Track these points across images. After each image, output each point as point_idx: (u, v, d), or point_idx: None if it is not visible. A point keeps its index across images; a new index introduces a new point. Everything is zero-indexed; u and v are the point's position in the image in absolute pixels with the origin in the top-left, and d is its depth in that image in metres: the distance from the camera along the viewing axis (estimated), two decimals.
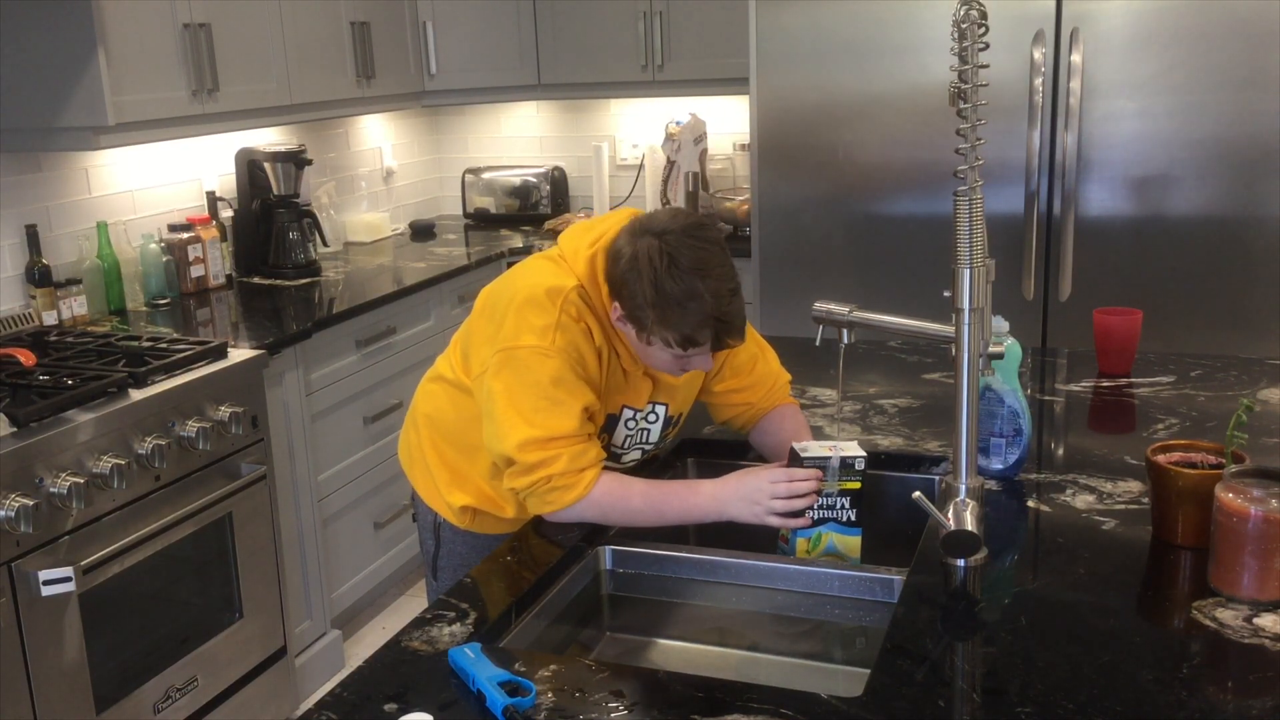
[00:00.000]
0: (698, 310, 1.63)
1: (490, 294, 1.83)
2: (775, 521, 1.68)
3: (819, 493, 1.69)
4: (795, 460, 1.72)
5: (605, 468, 1.74)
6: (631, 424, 1.85)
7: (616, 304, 1.71)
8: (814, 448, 1.74)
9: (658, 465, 1.98)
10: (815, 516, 1.71)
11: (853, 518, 1.72)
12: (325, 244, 3.99)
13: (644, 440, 1.89)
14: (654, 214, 1.74)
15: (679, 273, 1.63)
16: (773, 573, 1.65)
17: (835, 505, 1.72)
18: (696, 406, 1.98)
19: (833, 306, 1.77)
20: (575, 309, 1.72)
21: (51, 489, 2.30)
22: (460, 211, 4.86)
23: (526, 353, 1.69)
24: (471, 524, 1.93)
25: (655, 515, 1.72)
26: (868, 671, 1.31)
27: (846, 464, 1.70)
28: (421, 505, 2.02)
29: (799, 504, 1.67)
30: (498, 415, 1.70)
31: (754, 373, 1.95)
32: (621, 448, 1.88)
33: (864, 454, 1.72)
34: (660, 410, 1.87)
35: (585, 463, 1.69)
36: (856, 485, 1.71)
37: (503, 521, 1.89)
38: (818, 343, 1.80)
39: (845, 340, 1.77)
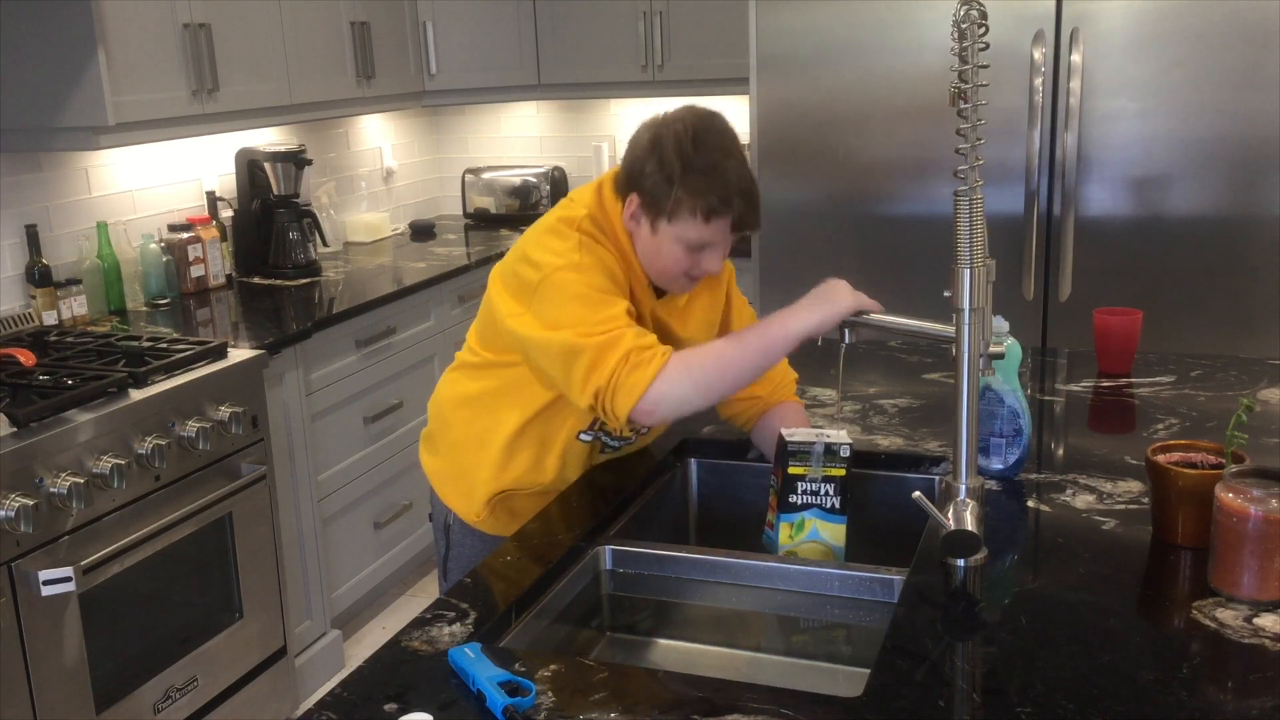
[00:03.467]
0: (723, 181, 1.68)
1: (500, 265, 1.84)
2: (854, 299, 1.69)
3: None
4: (781, 446, 1.72)
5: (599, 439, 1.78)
6: None
7: (632, 196, 1.73)
8: (800, 434, 1.74)
9: (656, 465, 1.98)
10: (800, 501, 1.72)
11: (837, 505, 1.73)
12: (325, 244, 4.00)
13: None
14: (666, 112, 1.77)
15: (705, 148, 1.68)
16: (772, 573, 1.65)
17: (819, 492, 1.72)
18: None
19: None
20: (591, 232, 1.74)
21: (51, 489, 2.31)
22: (460, 211, 4.86)
23: (556, 274, 1.69)
24: (490, 519, 1.93)
25: (744, 352, 1.69)
26: (868, 671, 1.31)
27: (831, 450, 1.71)
28: (436, 505, 2.03)
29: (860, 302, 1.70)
30: (547, 338, 1.68)
31: None
32: None
33: (850, 441, 1.72)
34: None
35: (649, 340, 1.67)
36: (841, 472, 1.72)
37: (516, 520, 1.88)
38: (819, 342, 1.80)
39: (846, 340, 1.77)
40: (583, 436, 1.87)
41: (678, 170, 1.68)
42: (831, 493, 1.73)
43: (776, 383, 1.98)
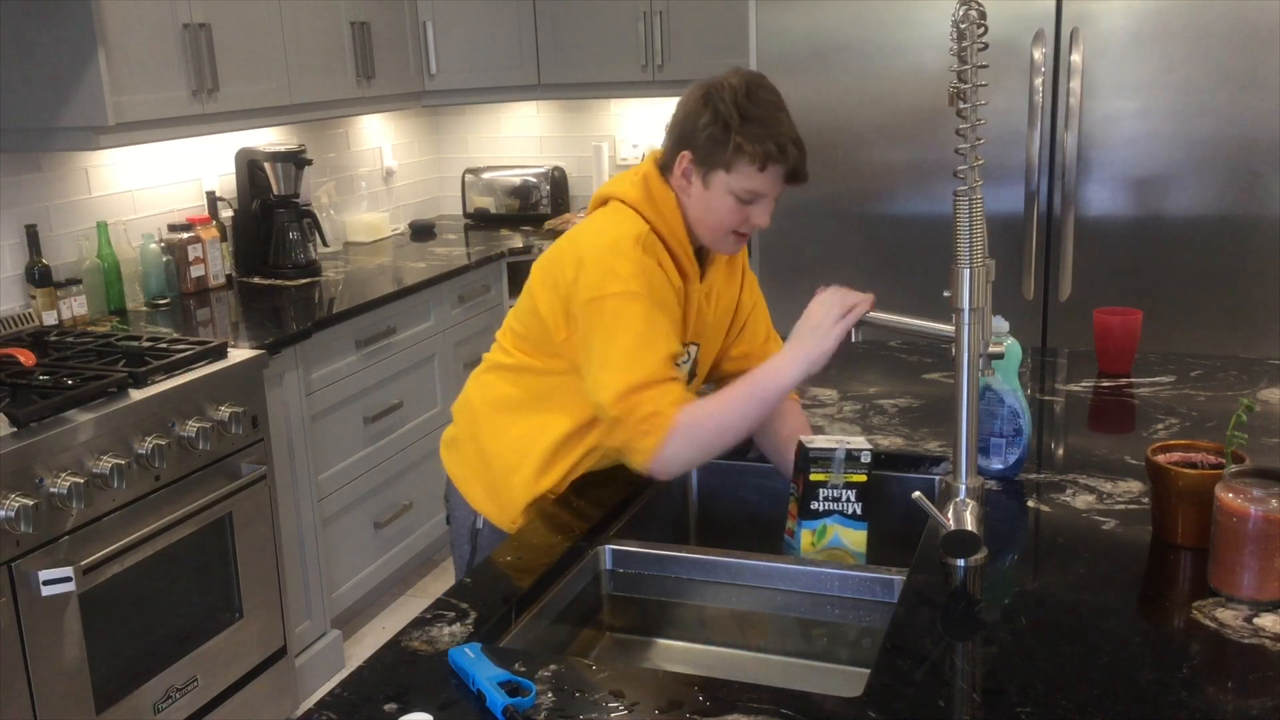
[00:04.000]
0: (778, 130, 1.72)
1: (550, 261, 1.85)
2: (841, 328, 1.69)
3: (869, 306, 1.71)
4: (802, 453, 1.73)
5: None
6: (683, 359, 1.87)
7: (684, 154, 1.77)
8: (821, 440, 1.74)
9: None
10: (821, 509, 1.72)
11: (858, 511, 1.73)
12: (325, 244, 4.00)
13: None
14: (714, 76, 1.81)
15: (759, 100, 1.74)
16: (772, 573, 1.65)
17: (841, 498, 1.72)
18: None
19: None
20: (653, 246, 1.77)
21: (51, 489, 2.30)
22: (460, 211, 4.86)
23: (615, 300, 1.72)
24: (525, 523, 1.87)
25: (745, 405, 1.73)
26: (868, 671, 1.31)
27: (852, 456, 1.71)
28: (461, 508, 1.99)
29: (852, 300, 1.70)
30: (594, 367, 1.74)
31: (768, 341, 2.02)
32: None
33: (870, 448, 1.72)
34: (693, 351, 1.91)
35: (664, 404, 1.70)
36: (862, 478, 1.72)
37: (550, 521, 1.83)
38: None
39: (855, 339, 1.77)
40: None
41: (736, 119, 1.72)
42: (853, 499, 1.73)
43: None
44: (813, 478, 1.72)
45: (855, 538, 1.74)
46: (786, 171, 1.75)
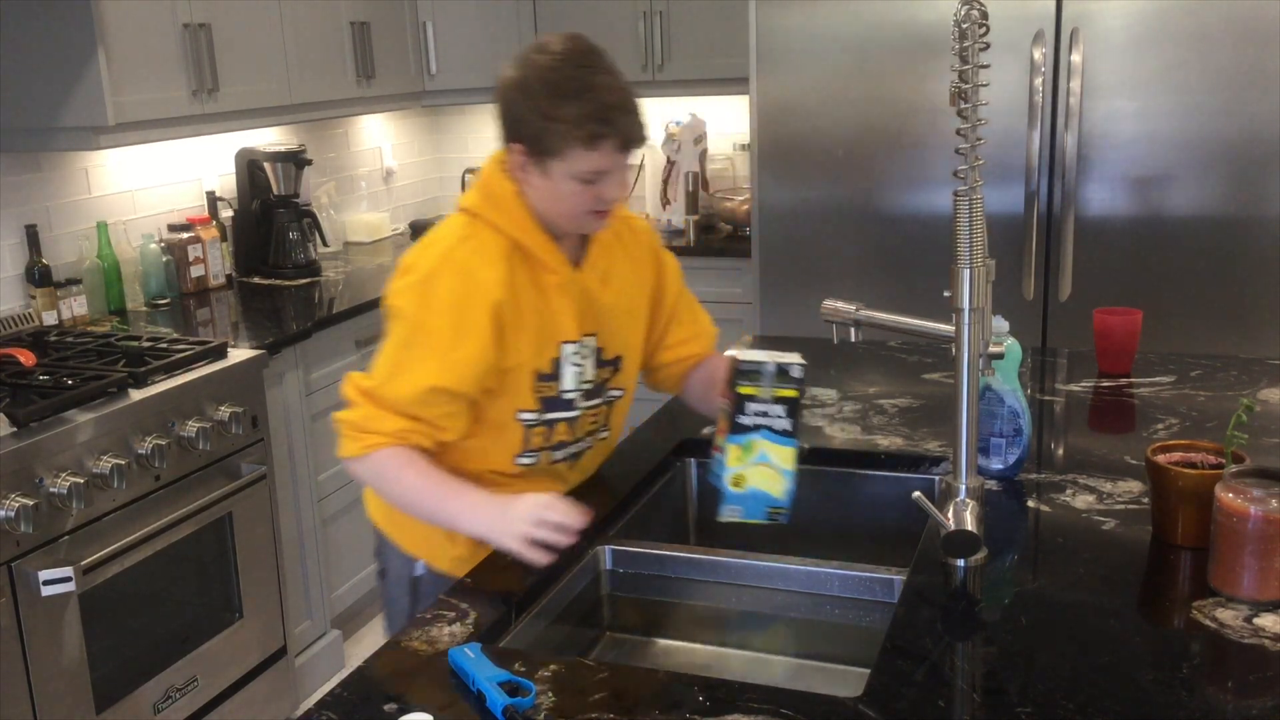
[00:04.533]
0: (597, 101, 1.60)
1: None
2: (515, 545, 1.57)
3: (579, 534, 1.59)
4: (732, 367, 1.64)
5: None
6: (576, 359, 1.75)
7: (513, 147, 1.66)
8: (752, 353, 1.65)
9: (657, 465, 1.97)
10: (750, 423, 1.63)
11: (788, 428, 1.63)
12: (325, 244, 4.00)
13: (583, 378, 1.77)
14: (526, 47, 1.71)
15: (571, 71, 1.62)
16: (772, 573, 1.65)
17: (769, 413, 1.63)
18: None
19: (840, 305, 1.76)
20: (479, 254, 1.66)
21: (51, 489, 2.31)
22: None
23: (392, 309, 1.69)
24: (471, 556, 1.73)
25: (420, 502, 1.69)
26: (868, 671, 1.31)
27: (783, 370, 1.62)
28: (395, 558, 1.86)
29: (551, 535, 1.56)
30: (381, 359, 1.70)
31: (698, 322, 1.96)
32: (572, 391, 1.76)
33: (803, 362, 1.62)
34: (590, 343, 1.77)
35: (376, 427, 1.65)
36: (793, 394, 1.62)
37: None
38: (835, 341, 1.79)
39: (854, 339, 1.76)
40: (522, 460, 1.76)
41: (549, 102, 1.60)
42: (782, 414, 1.62)
43: (710, 335, 1.96)
44: (740, 390, 1.63)
45: (783, 454, 1.64)
46: (619, 142, 1.63)
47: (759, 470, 1.65)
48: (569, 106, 1.60)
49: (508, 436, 1.75)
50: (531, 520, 1.57)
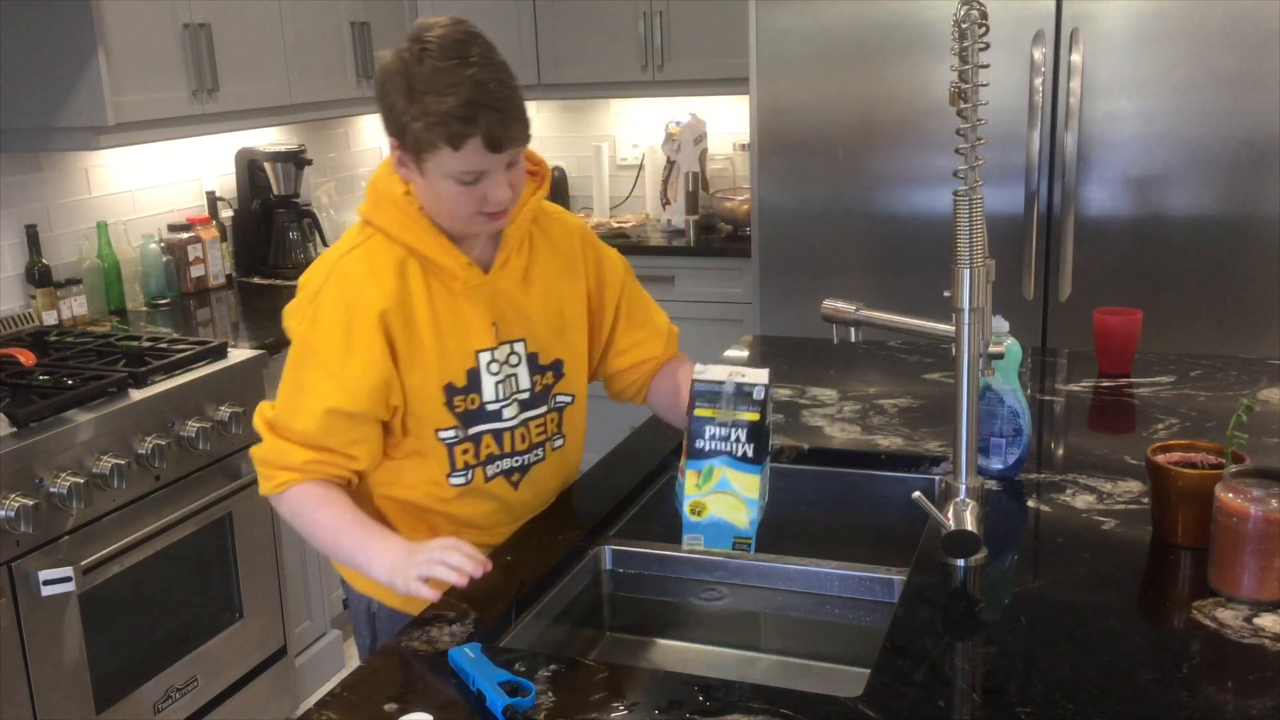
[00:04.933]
0: (460, 97, 1.44)
1: None
2: (414, 588, 1.47)
3: (474, 577, 1.48)
4: (691, 388, 1.54)
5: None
6: (496, 369, 1.65)
7: (392, 143, 1.54)
8: (712, 371, 1.53)
9: (656, 465, 1.97)
10: (708, 448, 1.51)
11: (749, 453, 1.50)
12: (325, 244, 3.99)
13: (514, 388, 1.67)
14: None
15: (433, 62, 1.45)
16: (772, 573, 1.65)
17: (729, 437, 1.50)
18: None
19: (840, 305, 1.76)
20: (366, 264, 1.58)
21: (51, 489, 2.31)
22: None
23: (290, 334, 1.62)
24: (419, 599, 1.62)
25: (333, 546, 1.61)
26: (868, 671, 1.31)
27: (743, 391, 1.50)
28: (353, 592, 1.83)
29: (448, 575, 1.46)
30: (281, 389, 1.65)
31: (649, 323, 1.84)
32: (500, 401, 1.66)
33: (765, 382, 1.51)
34: (520, 349, 1.67)
35: (284, 462, 1.59)
36: (754, 417, 1.50)
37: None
38: (835, 341, 1.78)
39: (854, 339, 1.76)
40: (454, 480, 1.67)
41: (408, 99, 1.46)
42: (743, 439, 1.49)
43: (665, 337, 1.85)
44: (698, 413, 1.51)
45: (746, 482, 1.51)
46: (484, 141, 1.47)
47: (720, 498, 1.52)
48: (429, 102, 1.46)
49: (435, 457, 1.65)
50: (429, 562, 1.47)
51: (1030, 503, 1.74)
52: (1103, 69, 3.07)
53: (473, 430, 1.65)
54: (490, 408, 1.65)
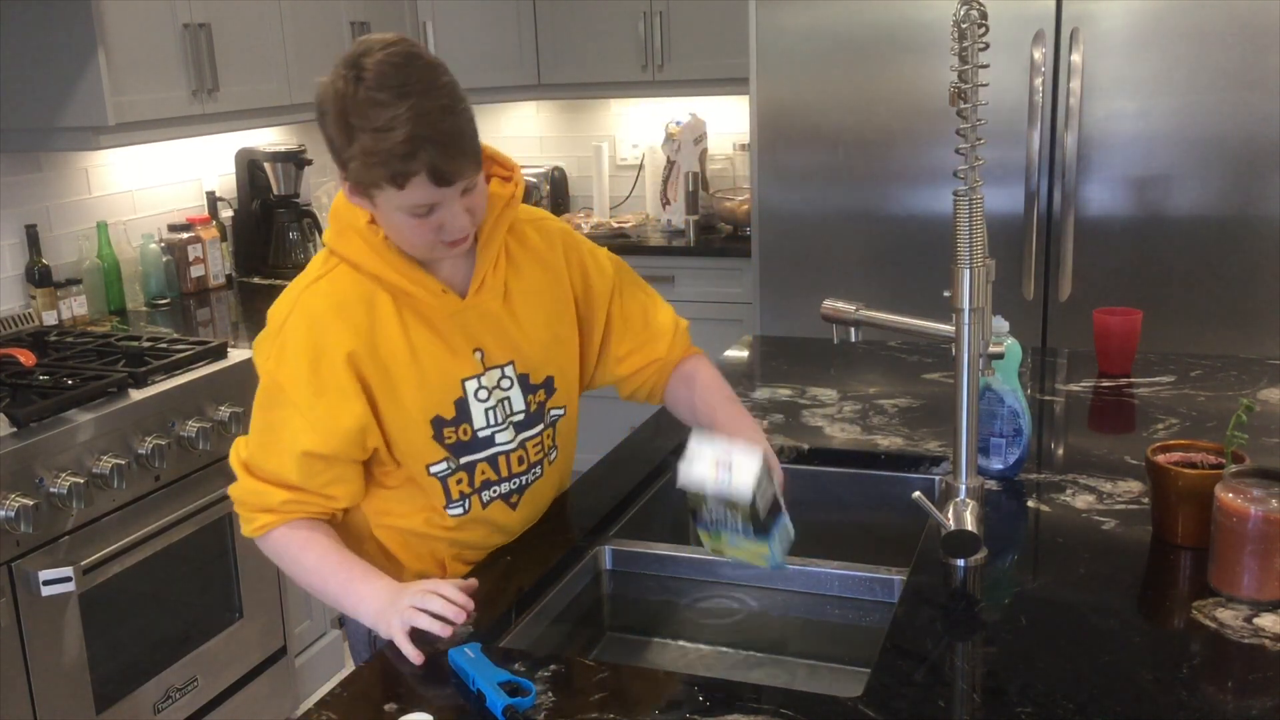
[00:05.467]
0: (397, 134, 1.34)
1: None
2: (397, 638, 1.40)
3: (471, 614, 1.44)
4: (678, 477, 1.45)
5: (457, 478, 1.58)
6: (485, 395, 1.58)
7: (340, 172, 1.45)
8: (703, 460, 1.42)
9: (656, 465, 1.97)
10: (709, 522, 1.46)
11: (751, 529, 1.44)
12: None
13: (509, 411, 1.60)
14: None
15: (371, 92, 1.35)
16: (772, 573, 1.65)
17: (725, 519, 1.45)
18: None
19: (840, 305, 1.76)
20: (314, 295, 1.51)
21: (51, 489, 2.30)
22: None
23: (258, 370, 1.54)
24: None
25: (320, 590, 1.55)
26: (868, 671, 1.31)
27: (727, 497, 1.41)
28: (351, 620, 1.69)
29: (430, 625, 1.40)
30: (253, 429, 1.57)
31: (649, 325, 1.75)
32: (493, 427, 1.59)
33: (751, 484, 1.39)
34: (510, 371, 1.60)
35: (263, 503, 1.53)
36: (746, 509, 1.42)
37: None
38: (835, 340, 1.78)
39: (854, 339, 1.76)
40: (452, 511, 1.61)
41: (345, 136, 1.37)
42: (739, 524, 1.44)
43: (670, 337, 1.75)
44: (689, 502, 1.46)
45: (752, 551, 1.48)
46: (429, 177, 1.37)
47: (736, 551, 1.50)
48: (365, 140, 1.36)
49: (428, 491, 1.60)
50: (410, 610, 1.41)
51: (1030, 503, 1.74)
52: (1103, 69, 3.07)
53: (465, 460, 1.59)
54: (483, 435, 1.59)
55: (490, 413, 1.58)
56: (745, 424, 1.65)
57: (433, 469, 1.58)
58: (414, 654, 1.37)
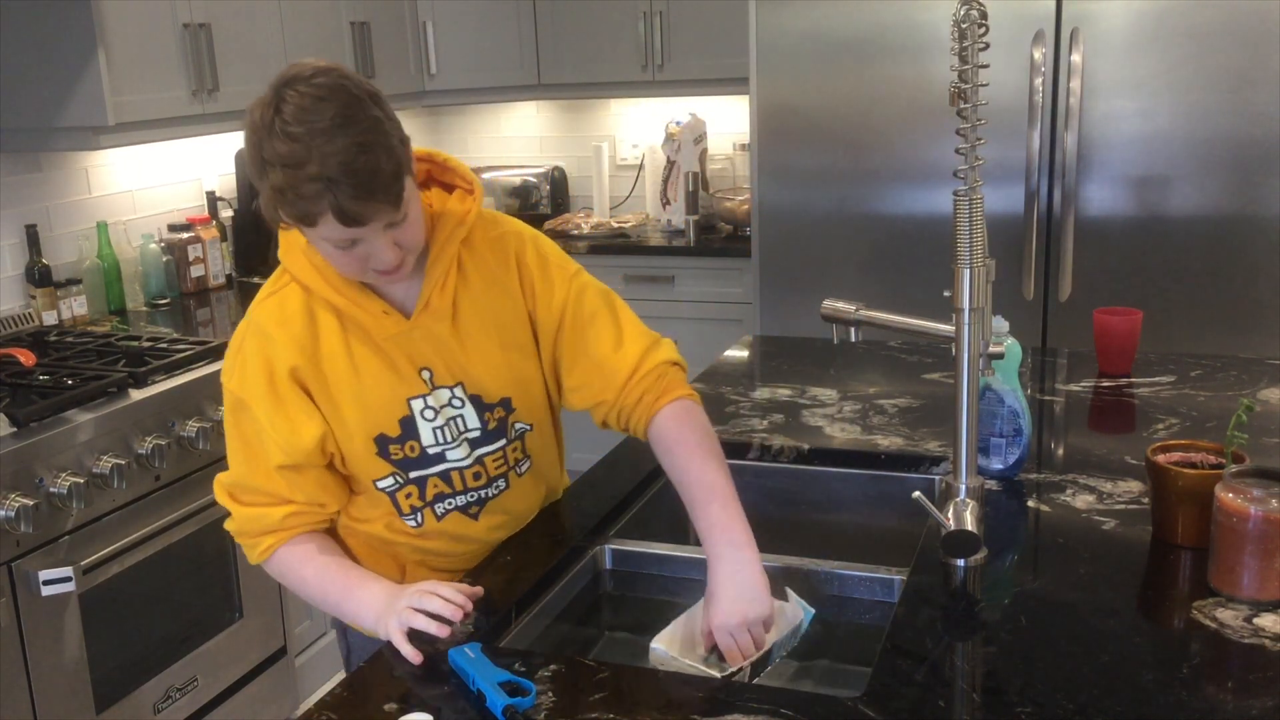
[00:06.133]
0: (303, 168, 1.29)
1: None
2: (396, 639, 1.39)
3: (469, 614, 1.45)
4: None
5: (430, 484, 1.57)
6: (432, 415, 1.54)
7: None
8: (674, 660, 1.40)
9: (656, 465, 1.97)
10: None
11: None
12: None
13: (462, 429, 1.56)
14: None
15: (283, 123, 1.30)
16: (773, 573, 1.64)
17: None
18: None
19: (840, 305, 1.76)
20: (262, 312, 1.53)
21: (51, 489, 2.31)
22: None
23: (225, 392, 1.55)
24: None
25: (322, 601, 1.57)
26: (868, 671, 1.31)
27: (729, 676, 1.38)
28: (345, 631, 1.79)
29: (427, 626, 1.40)
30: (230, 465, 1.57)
31: (603, 364, 1.58)
32: (443, 444, 1.56)
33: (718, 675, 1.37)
34: (459, 392, 1.55)
35: (262, 527, 1.53)
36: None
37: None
38: (835, 341, 1.78)
39: (854, 339, 1.76)
40: (408, 521, 1.61)
41: (258, 171, 1.35)
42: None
43: (623, 378, 1.58)
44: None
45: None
46: (336, 216, 1.32)
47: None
48: (276, 176, 1.32)
49: (381, 503, 1.60)
50: (407, 611, 1.41)
51: (1030, 503, 1.74)
52: (1103, 69, 3.07)
53: (415, 475, 1.57)
54: (433, 451, 1.56)
55: (439, 431, 1.55)
56: (731, 549, 1.47)
57: (379, 484, 1.57)
58: (412, 654, 1.37)
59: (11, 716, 2.26)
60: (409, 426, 1.53)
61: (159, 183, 3.53)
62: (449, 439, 1.56)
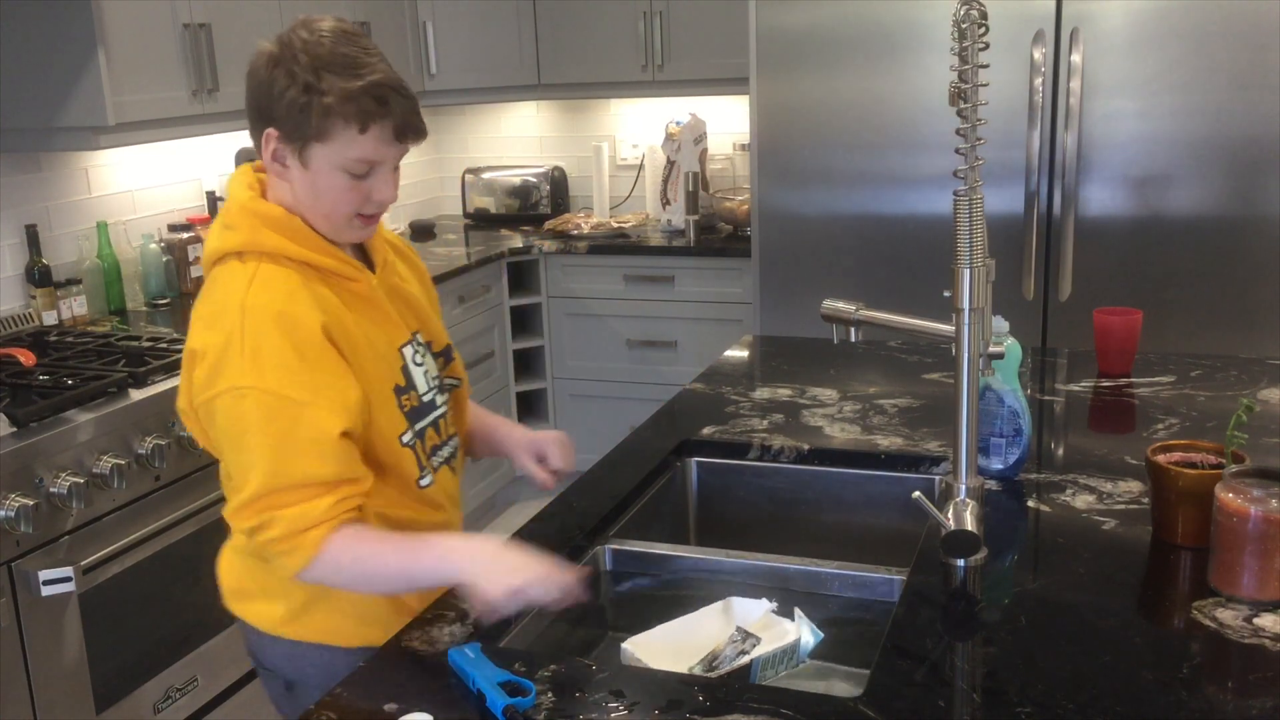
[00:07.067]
0: (372, 78, 1.40)
1: (190, 337, 1.49)
2: (499, 596, 1.37)
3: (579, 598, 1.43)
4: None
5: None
6: (420, 360, 1.62)
7: (268, 132, 1.44)
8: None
9: (656, 465, 1.97)
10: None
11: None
12: None
13: (430, 374, 1.64)
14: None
15: (341, 45, 1.42)
16: (772, 573, 1.65)
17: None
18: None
19: (840, 305, 1.76)
20: (258, 296, 1.44)
21: (51, 489, 2.31)
22: (460, 211, 4.85)
23: (219, 404, 1.44)
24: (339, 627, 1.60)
25: (410, 565, 1.46)
26: (868, 671, 1.31)
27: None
28: (260, 640, 1.71)
29: (536, 591, 1.38)
30: (236, 470, 1.48)
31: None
32: (431, 390, 1.63)
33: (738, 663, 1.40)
34: (420, 338, 1.64)
35: (307, 522, 1.42)
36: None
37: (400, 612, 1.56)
38: (835, 341, 1.78)
39: (854, 339, 1.76)
40: (423, 482, 1.60)
41: (314, 75, 1.39)
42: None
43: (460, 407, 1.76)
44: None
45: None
46: (395, 127, 1.42)
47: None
48: (339, 79, 1.39)
49: (403, 465, 1.56)
50: (526, 581, 1.38)
51: (1030, 503, 1.74)
52: (1103, 69, 3.07)
53: (419, 426, 1.60)
54: (426, 399, 1.62)
55: (425, 377, 1.63)
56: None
57: (403, 438, 1.56)
58: (508, 608, 1.39)
59: (11, 717, 2.26)
60: (408, 375, 1.59)
61: (159, 183, 3.53)
62: (431, 384, 1.65)
